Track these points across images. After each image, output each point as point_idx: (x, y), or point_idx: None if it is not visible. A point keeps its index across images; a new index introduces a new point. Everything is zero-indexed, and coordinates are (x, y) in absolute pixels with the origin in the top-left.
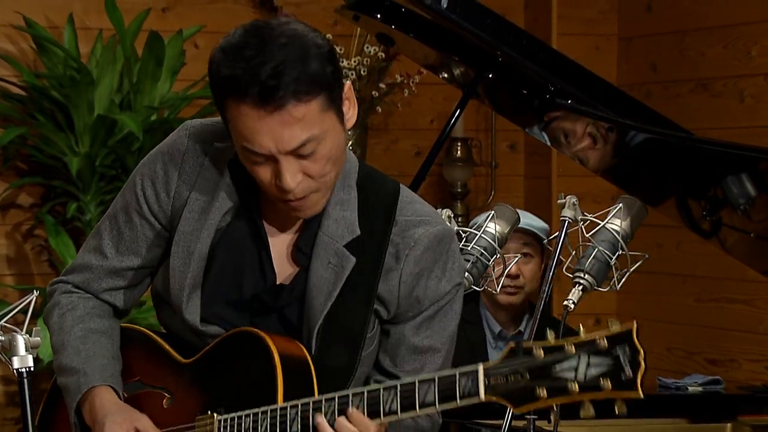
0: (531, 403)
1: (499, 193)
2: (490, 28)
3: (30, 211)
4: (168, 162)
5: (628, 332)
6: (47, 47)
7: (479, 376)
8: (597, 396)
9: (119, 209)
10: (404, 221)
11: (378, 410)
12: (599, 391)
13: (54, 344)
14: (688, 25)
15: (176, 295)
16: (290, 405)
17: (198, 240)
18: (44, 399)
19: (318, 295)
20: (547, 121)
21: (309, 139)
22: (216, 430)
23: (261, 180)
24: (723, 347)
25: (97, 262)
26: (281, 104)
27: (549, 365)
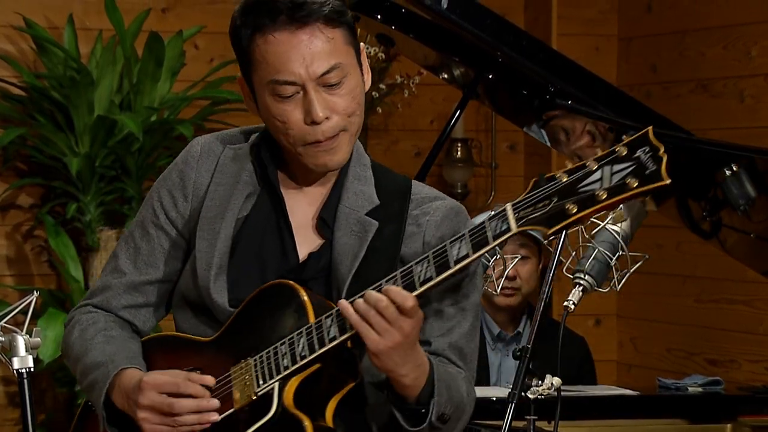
0: (563, 221)
1: (499, 193)
2: (490, 28)
3: (30, 212)
4: (183, 169)
5: (645, 134)
6: (47, 48)
7: (508, 212)
8: (625, 195)
9: (134, 227)
10: (419, 198)
11: (413, 282)
12: (627, 190)
13: (76, 354)
14: (688, 25)
15: (203, 276)
16: (324, 316)
17: (223, 220)
18: (74, 421)
19: (343, 261)
20: (546, 119)
21: (336, 65)
22: (252, 370)
23: (289, 122)
24: (723, 348)
25: (116, 280)
26: (309, 20)
27: (574, 184)
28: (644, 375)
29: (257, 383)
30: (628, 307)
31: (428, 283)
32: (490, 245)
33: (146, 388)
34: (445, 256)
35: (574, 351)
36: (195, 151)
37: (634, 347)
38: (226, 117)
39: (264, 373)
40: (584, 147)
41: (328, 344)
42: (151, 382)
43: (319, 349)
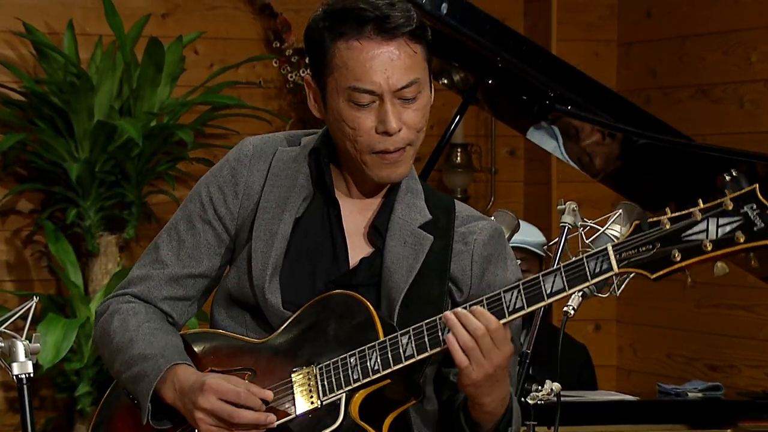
0: (667, 268)
1: (499, 198)
2: (489, 33)
3: (30, 217)
4: (236, 166)
5: (752, 191)
6: (47, 53)
7: (609, 253)
8: (732, 250)
9: (180, 219)
10: (464, 216)
11: (501, 310)
12: (734, 245)
13: (117, 344)
14: (687, 30)
15: (259, 276)
16: (400, 333)
17: (280, 222)
18: (97, 412)
19: (398, 271)
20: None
21: (415, 80)
22: (318, 378)
23: (361, 129)
24: (723, 353)
25: (157, 271)
26: (396, 34)
27: (678, 232)
28: (644, 380)
29: (323, 392)
30: (628, 312)
31: (518, 313)
32: (588, 282)
33: (208, 391)
34: (538, 288)
35: (575, 358)
36: (248, 150)
37: (634, 352)
38: (226, 122)
39: (331, 382)
40: (594, 145)
41: (404, 362)
42: (214, 387)
43: (394, 366)
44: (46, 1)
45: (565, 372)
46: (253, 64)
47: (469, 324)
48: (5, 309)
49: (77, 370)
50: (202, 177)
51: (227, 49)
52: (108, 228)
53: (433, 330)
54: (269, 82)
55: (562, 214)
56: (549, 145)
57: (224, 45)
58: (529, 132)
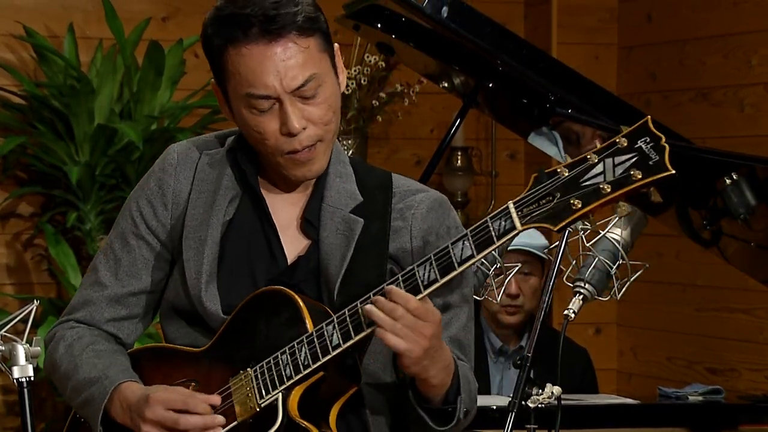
0: (569, 217)
1: (500, 202)
2: (490, 37)
3: (30, 221)
4: (161, 177)
5: (644, 124)
6: (47, 56)
7: (511, 211)
8: (630, 187)
9: (113, 239)
10: (402, 191)
11: (416, 284)
12: (631, 182)
13: (64, 372)
14: (687, 34)
15: (193, 285)
16: (325, 323)
17: (208, 227)
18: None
19: (332, 261)
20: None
21: (312, 77)
22: (253, 381)
23: (265, 133)
24: (723, 357)
25: (97, 293)
26: (282, 33)
27: (576, 178)
28: (644, 384)
29: (260, 394)
30: (629, 315)
31: (433, 286)
32: (495, 244)
33: (153, 403)
34: (448, 257)
35: (576, 363)
36: (172, 159)
37: (635, 356)
38: (226, 125)
39: (266, 383)
40: None
41: (332, 352)
42: (159, 398)
43: (322, 358)
44: (46, 5)
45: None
46: None
47: (384, 307)
48: (6, 312)
49: None
50: (132, 192)
51: None
52: (108, 231)
53: (355, 315)
54: None
55: None
56: (550, 150)
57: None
58: (530, 137)
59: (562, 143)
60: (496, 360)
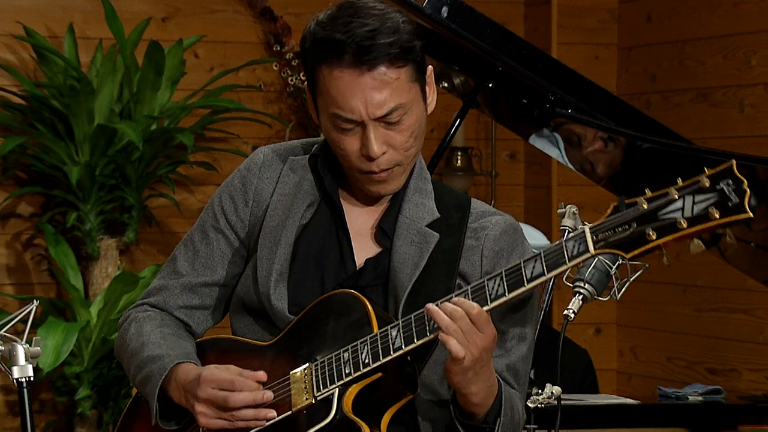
0: (642, 246)
1: (500, 202)
2: (490, 37)
3: (30, 221)
4: (246, 175)
5: (729, 168)
6: (47, 57)
7: (586, 235)
8: (707, 226)
9: (194, 231)
10: (478, 212)
11: (484, 296)
12: (708, 221)
13: (132, 349)
14: (687, 34)
15: (263, 283)
16: (390, 326)
17: (283, 229)
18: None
19: (403, 269)
20: (555, 125)
21: (397, 107)
22: (312, 375)
23: (346, 151)
24: (723, 357)
25: (173, 281)
26: (374, 64)
27: (654, 211)
28: (644, 384)
29: (317, 388)
30: (629, 316)
31: (499, 300)
32: (567, 266)
33: (204, 382)
34: (519, 274)
35: (576, 364)
36: (258, 159)
37: (635, 356)
38: (227, 126)
39: (325, 378)
40: (596, 152)
41: (393, 354)
42: (209, 377)
43: (383, 358)
44: (46, 5)
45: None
46: (253, 67)
47: (445, 308)
48: (5, 312)
49: (77, 373)
50: (218, 187)
51: (227, 52)
52: (108, 231)
53: (420, 321)
54: (269, 86)
55: (563, 218)
56: (551, 151)
57: (224, 48)
58: (530, 137)
59: (563, 147)
60: None
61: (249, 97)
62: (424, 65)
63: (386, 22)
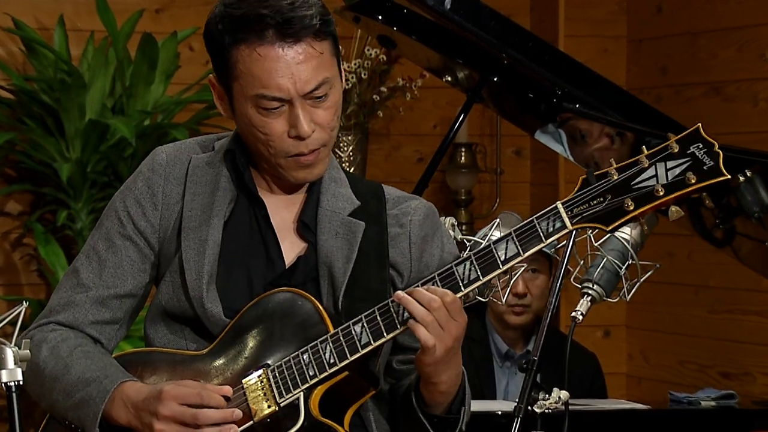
0: (622, 218)
1: (505, 200)
2: (495, 30)
3: (19, 219)
4: (151, 177)
5: (696, 131)
6: (37, 49)
7: (560, 210)
8: (685, 191)
9: (97, 239)
10: (395, 198)
11: (456, 283)
12: (686, 186)
13: (50, 374)
14: (700, 26)
15: (194, 287)
16: (352, 323)
17: (209, 227)
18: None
19: (334, 264)
20: (561, 120)
21: (324, 81)
22: (271, 381)
23: (271, 134)
24: (737, 360)
25: (80, 295)
26: (300, 37)
27: (627, 181)
28: (655, 388)
29: (279, 394)
30: (638, 317)
31: (474, 284)
32: (543, 243)
33: (167, 398)
34: (491, 256)
35: (585, 368)
36: (161, 159)
37: (645, 359)
38: (222, 121)
39: (286, 382)
40: (602, 149)
41: (362, 350)
42: (173, 392)
43: (351, 356)
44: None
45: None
46: None
47: (422, 298)
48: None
49: None
50: (116, 193)
51: None
52: None
53: (386, 314)
54: None
55: None
56: (557, 146)
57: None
58: (537, 133)
59: (569, 139)
60: (502, 364)
61: None
62: (338, 40)
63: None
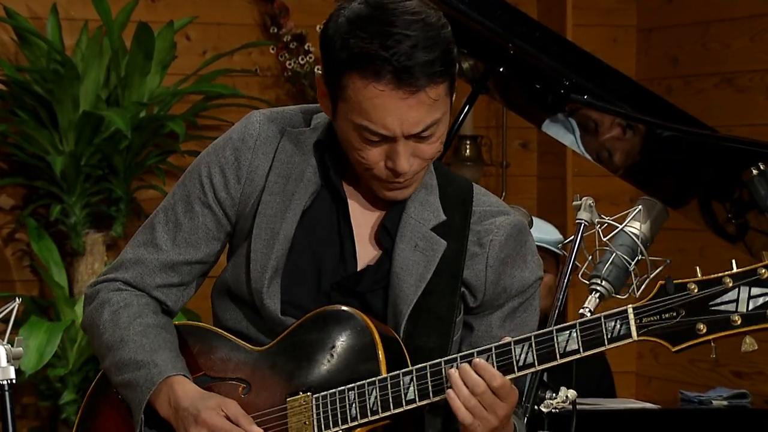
0: (690, 341)
1: (511, 194)
2: (501, 19)
3: (11, 214)
4: (240, 147)
5: None
6: (29, 39)
7: (629, 317)
8: (763, 326)
9: (178, 200)
10: (481, 211)
11: (510, 363)
12: (765, 321)
13: (107, 342)
14: (711, 15)
15: (257, 279)
16: (402, 373)
17: (283, 221)
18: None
19: (406, 279)
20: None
21: (433, 123)
22: (313, 410)
23: (368, 161)
24: (749, 359)
25: (151, 255)
26: (417, 88)
27: (705, 299)
28: (665, 388)
29: (319, 426)
30: None
31: (528, 370)
32: (604, 347)
33: (202, 425)
34: (551, 345)
35: (592, 368)
36: (253, 130)
37: (655, 358)
38: (220, 112)
39: (327, 416)
40: (614, 140)
41: (405, 406)
42: (209, 422)
43: (393, 409)
44: None
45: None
46: (248, 50)
47: (468, 380)
48: None
49: (62, 376)
50: (203, 153)
51: (221, 35)
52: (94, 225)
53: (437, 375)
54: (266, 70)
55: (578, 211)
56: (566, 139)
57: (218, 31)
58: (544, 125)
59: (579, 133)
60: None
61: (244, 82)
62: (455, 77)
63: (427, 30)
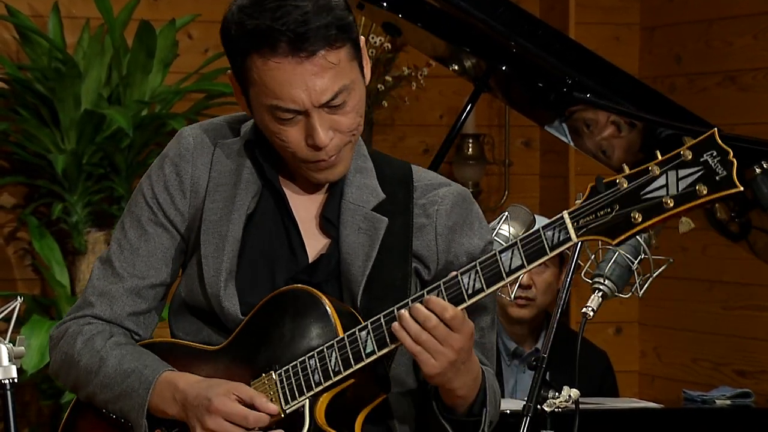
0: (628, 231)
1: (513, 193)
2: (503, 17)
3: (12, 213)
4: (178, 162)
5: (711, 137)
6: (31, 37)
7: (566, 222)
8: (695, 203)
9: (129, 227)
10: (423, 185)
11: (460, 292)
12: (696, 198)
13: (86, 367)
14: (714, 13)
15: (212, 284)
16: (358, 329)
17: (229, 223)
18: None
19: (355, 261)
20: (568, 114)
21: (341, 89)
22: (278, 386)
23: (289, 142)
24: (753, 358)
25: (115, 285)
26: (314, 50)
27: (637, 190)
28: (668, 387)
29: (285, 400)
30: (651, 314)
31: (478, 295)
32: (547, 255)
33: (215, 412)
34: (496, 266)
35: (595, 367)
36: (188, 144)
37: (658, 357)
38: (222, 111)
39: (292, 388)
40: (609, 138)
41: (366, 359)
42: (222, 409)
43: (355, 365)
44: None
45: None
46: None
47: (418, 315)
48: None
49: None
50: (143, 177)
51: None
52: (96, 224)
53: (391, 321)
54: None
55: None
56: (568, 138)
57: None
58: (547, 124)
59: (579, 130)
60: (510, 363)
61: None
62: (358, 38)
63: (317, 0)
